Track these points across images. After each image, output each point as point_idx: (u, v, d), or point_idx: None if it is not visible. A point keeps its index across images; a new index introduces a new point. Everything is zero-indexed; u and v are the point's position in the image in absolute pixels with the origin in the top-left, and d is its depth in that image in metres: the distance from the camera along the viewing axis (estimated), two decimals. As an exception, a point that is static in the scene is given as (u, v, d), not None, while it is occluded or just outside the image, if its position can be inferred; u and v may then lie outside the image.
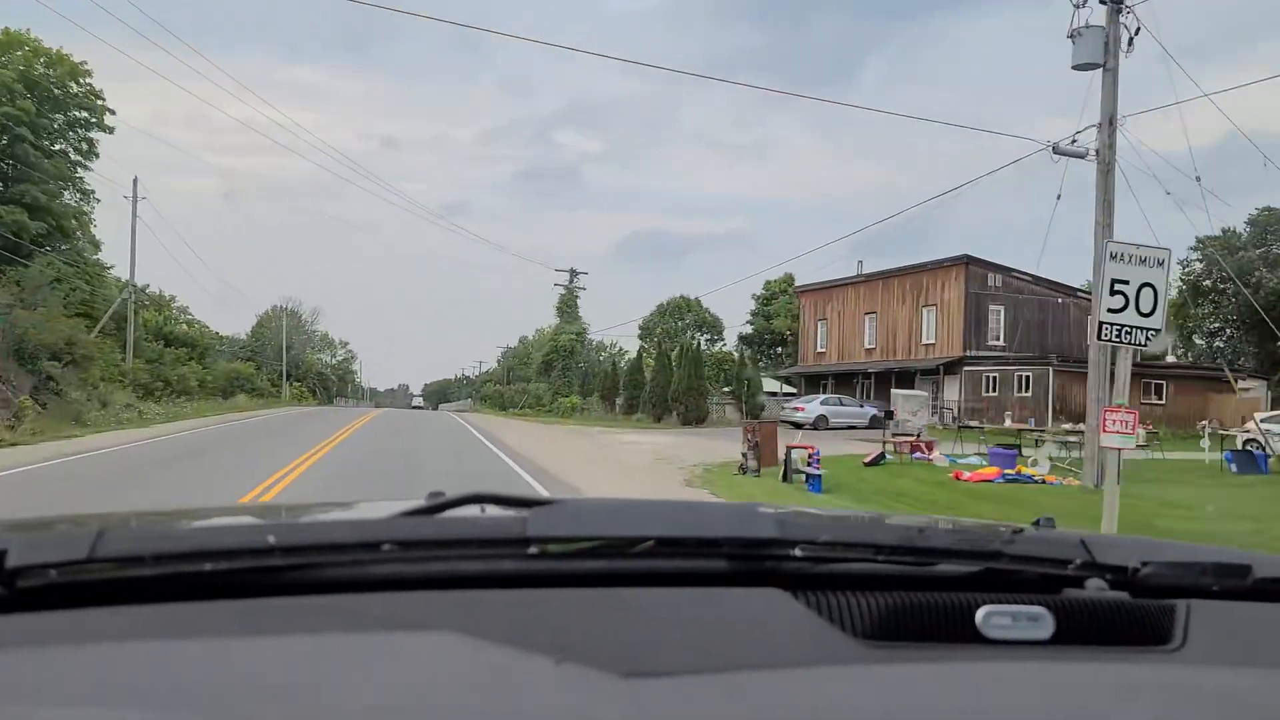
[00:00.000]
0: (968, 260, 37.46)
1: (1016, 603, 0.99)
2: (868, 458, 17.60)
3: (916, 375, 38.41)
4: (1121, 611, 1.02)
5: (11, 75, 37.77)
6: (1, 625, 0.82)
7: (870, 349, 42.22)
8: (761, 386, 38.90)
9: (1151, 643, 0.99)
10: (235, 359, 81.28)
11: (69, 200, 44.36)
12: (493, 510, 1.08)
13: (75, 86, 43.29)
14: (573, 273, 60.24)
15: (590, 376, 56.67)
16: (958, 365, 36.61)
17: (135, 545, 0.91)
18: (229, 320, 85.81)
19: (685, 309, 65.14)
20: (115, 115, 44.83)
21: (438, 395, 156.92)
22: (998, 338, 37.73)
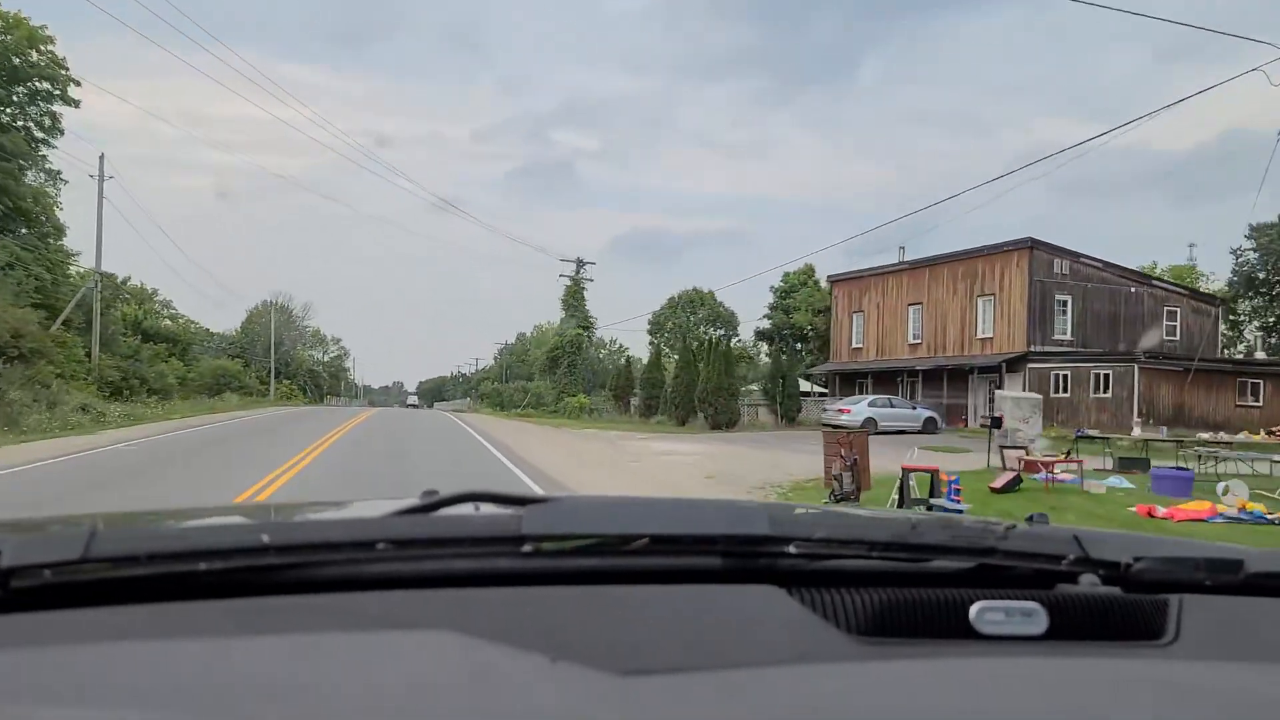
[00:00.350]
0: (1032, 244, 33.27)
1: (1010, 598, 0.99)
2: (996, 482, 13.54)
3: (974, 373, 34.43)
4: (1114, 607, 1.02)
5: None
6: None
7: (915, 344, 38.18)
8: (799, 385, 34.86)
9: (1144, 638, 0.99)
10: (224, 356, 77.92)
11: (31, 180, 40.28)
12: (487, 508, 1.08)
13: (36, 55, 39.12)
14: (579, 263, 56.11)
15: (595, 375, 52.74)
16: (1020, 362, 32.60)
17: (129, 545, 0.90)
18: (223, 317, 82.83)
19: (698, 302, 61.03)
20: (80, 87, 40.70)
21: (432, 393, 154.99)
22: (1065, 331, 33.70)
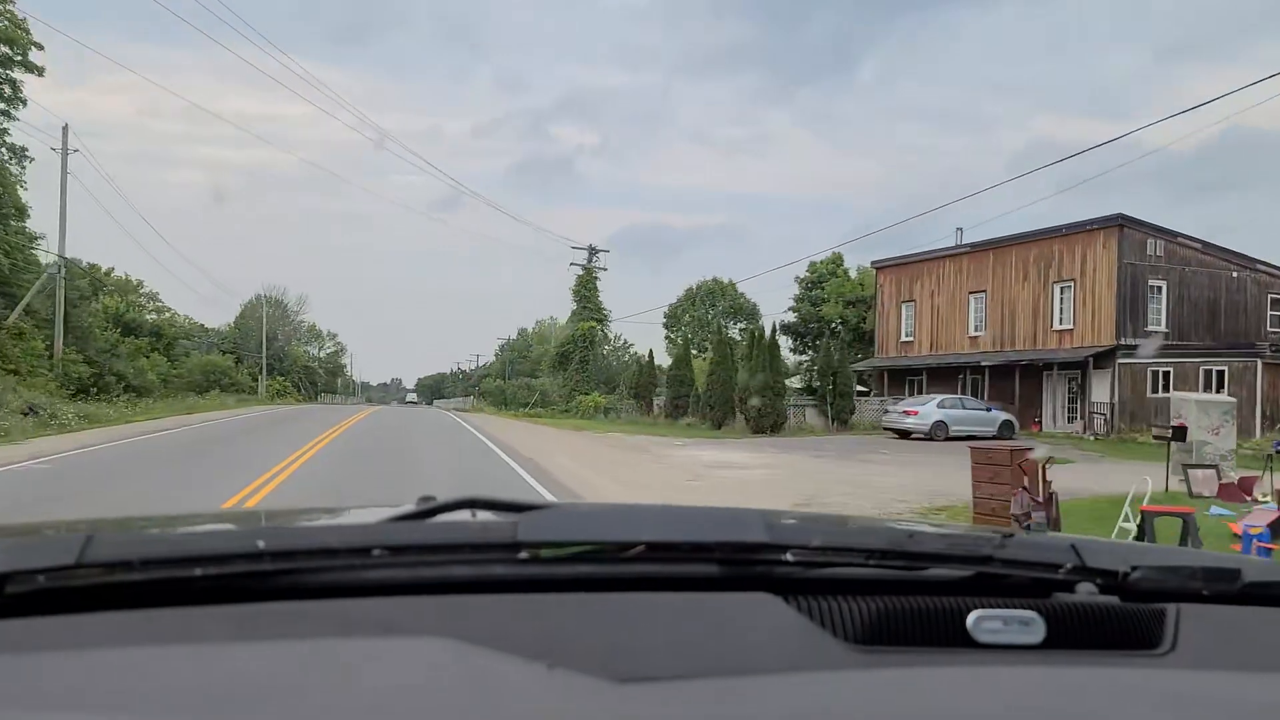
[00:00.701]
0: (1122, 221, 29.07)
1: (1008, 607, 0.99)
2: (1253, 521, 9.40)
3: (1052, 370, 30.34)
4: (1112, 615, 1.02)
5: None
6: None
7: (976, 336, 34.05)
8: (853, 383, 30.76)
9: (1141, 647, 0.99)
10: (217, 351, 73.82)
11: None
12: (484, 515, 1.06)
13: (-9, 15, 34.89)
14: (591, 250, 51.91)
15: (600, 373, 48.62)
16: (1108, 357, 28.50)
17: (124, 550, 0.90)
18: (221, 313, 79.09)
19: (718, 294, 56.89)
20: (44, 51, 36.47)
21: (431, 390, 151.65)
22: (1158, 322, 29.53)
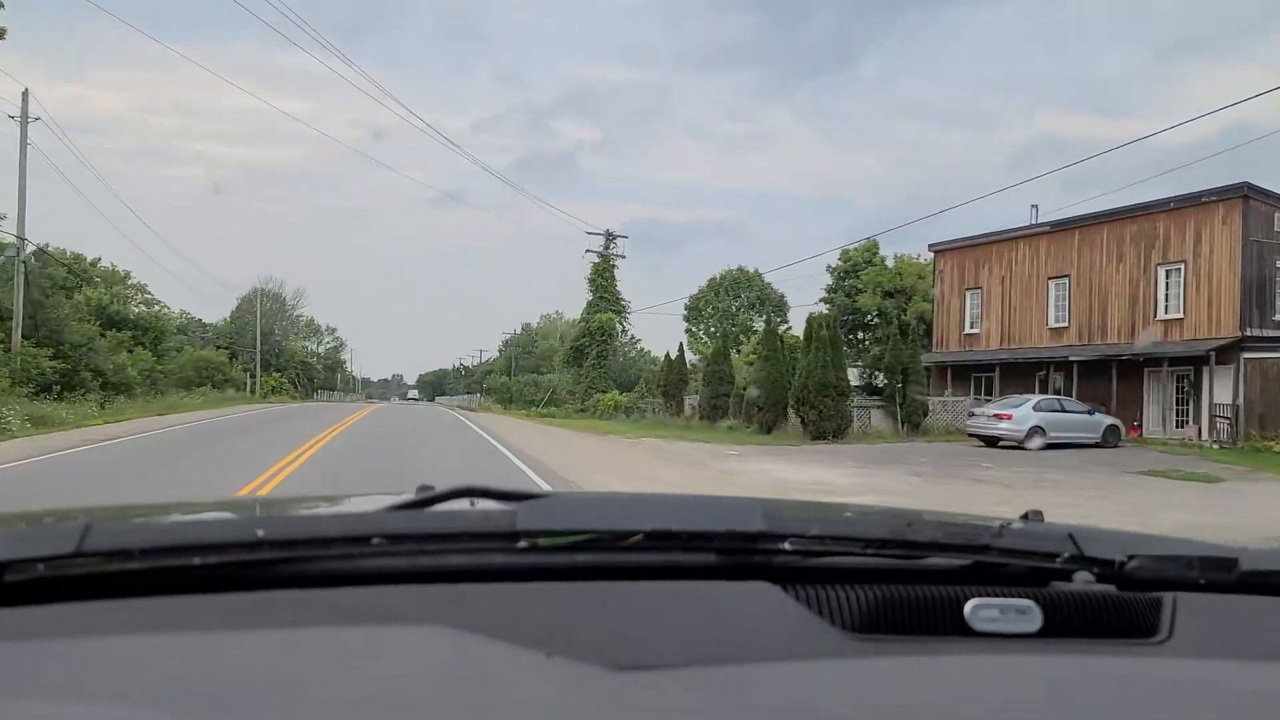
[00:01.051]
0: (1246, 192, 24.66)
1: (1005, 596, 0.99)
2: None
3: (1161, 366, 26.15)
4: (1109, 604, 1.02)
5: None
6: None
7: (1059, 328, 29.81)
8: (924, 381, 26.62)
9: (1139, 635, 0.99)
10: (212, 346, 70.41)
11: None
12: (483, 504, 1.06)
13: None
14: (609, 236, 47.76)
15: (619, 368, 44.56)
16: (1231, 351, 24.30)
17: (123, 539, 0.90)
18: (220, 309, 75.84)
19: (744, 283, 52.73)
20: (5, 10, 32.36)
21: (433, 386, 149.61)
22: (1288, 309, 25.34)
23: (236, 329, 77.52)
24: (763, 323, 52.76)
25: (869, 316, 47.67)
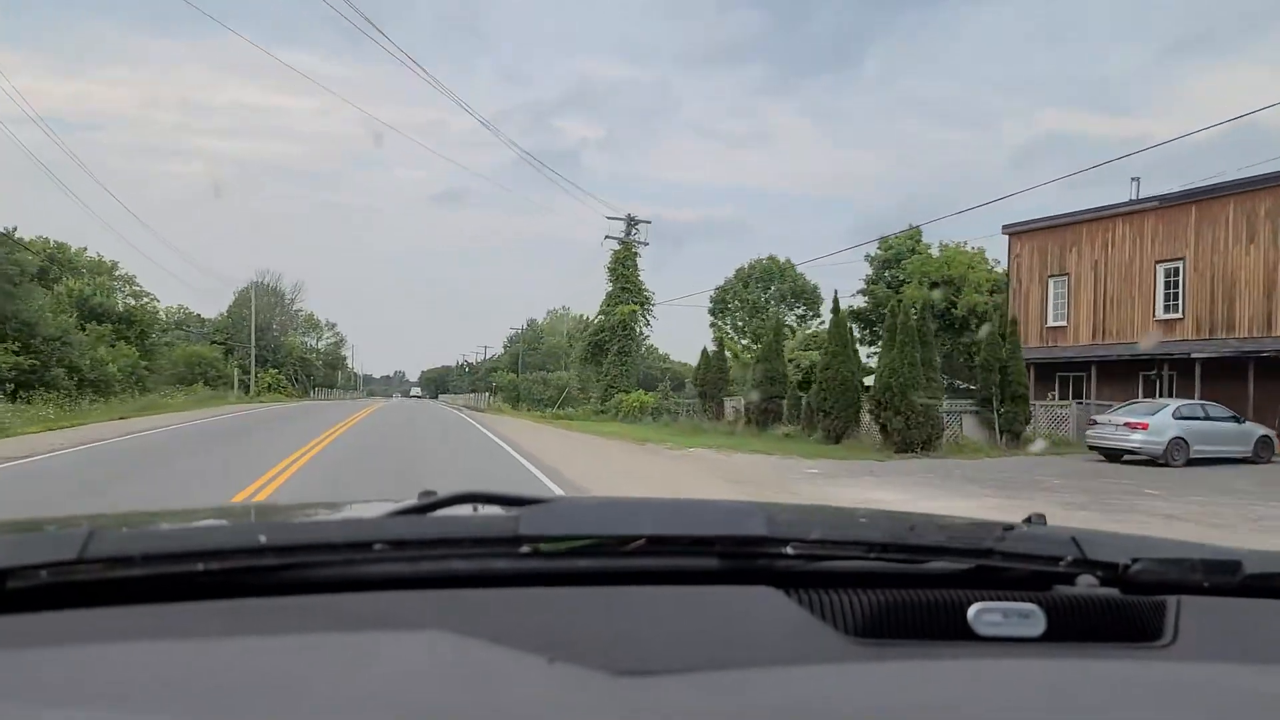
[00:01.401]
0: None
1: (1008, 600, 0.99)
2: None
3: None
4: (1112, 608, 1.02)
5: None
6: None
7: (1170, 319, 25.58)
8: (1026, 383, 22.42)
9: (1142, 639, 0.99)
10: (208, 342, 66.74)
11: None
12: (485, 509, 1.06)
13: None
14: (631, 221, 43.56)
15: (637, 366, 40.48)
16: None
17: (126, 545, 0.90)
18: (220, 304, 72.54)
19: (774, 274, 48.58)
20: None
21: (435, 384, 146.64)
22: None
23: (233, 324, 73.48)
24: (794, 317, 48.74)
25: (914, 308, 43.58)
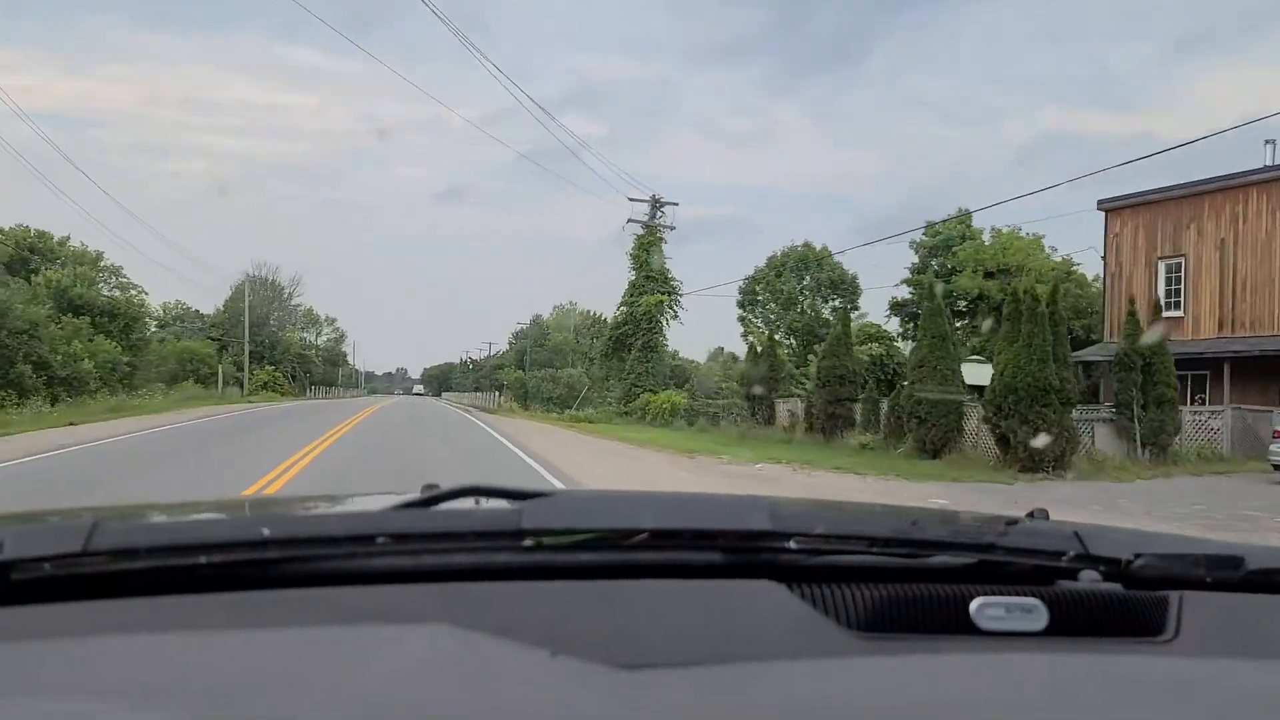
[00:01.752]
0: None
1: (1010, 594, 0.99)
2: None
3: None
4: (1115, 603, 1.02)
5: None
6: None
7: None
8: (1174, 384, 18.18)
9: (1144, 634, 0.99)
10: (204, 338, 62.85)
11: None
12: (488, 503, 1.06)
13: None
14: (656, 203, 39.39)
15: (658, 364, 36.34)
16: None
17: (130, 538, 0.90)
18: (220, 300, 69.39)
19: (810, 263, 44.37)
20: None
21: (439, 381, 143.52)
22: None
23: (230, 319, 69.39)
24: (830, 309, 44.59)
25: (965, 301, 39.44)
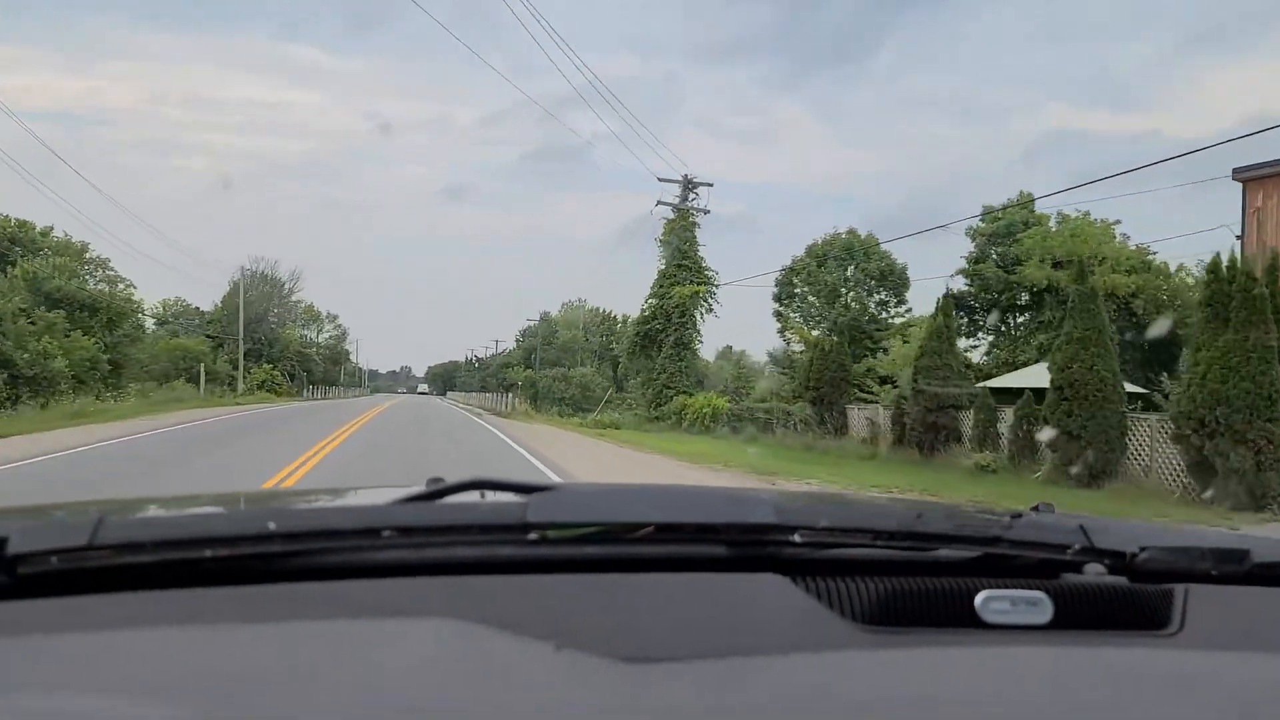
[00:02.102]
0: None
1: (1016, 588, 0.99)
2: None
3: None
4: (1120, 596, 1.02)
5: None
6: (1, 612, 0.81)
7: None
8: None
9: (1149, 627, 0.99)
10: (201, 335, 59.21)
11: None
12: (493, 496, 1.06)
13: None
14: (687, 184, 35.39)
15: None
16: None
17: (136, 532, 0.90)
18: (219, 296, 66.29)
19: (856, 250, 40.26)
20: None
21: (443, 380, 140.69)
22: None
23: (227, 315, 65.49)
24: (874, 303, 40.55)
25: (1026, 294, 35.33)
